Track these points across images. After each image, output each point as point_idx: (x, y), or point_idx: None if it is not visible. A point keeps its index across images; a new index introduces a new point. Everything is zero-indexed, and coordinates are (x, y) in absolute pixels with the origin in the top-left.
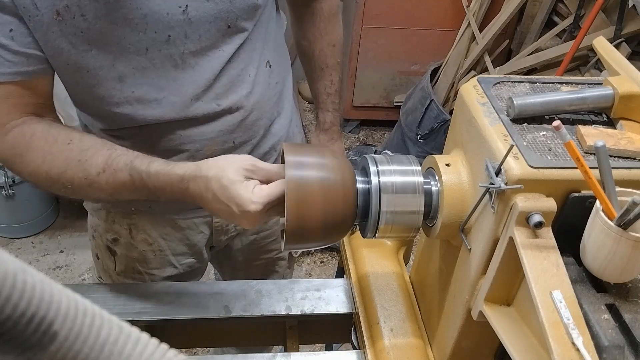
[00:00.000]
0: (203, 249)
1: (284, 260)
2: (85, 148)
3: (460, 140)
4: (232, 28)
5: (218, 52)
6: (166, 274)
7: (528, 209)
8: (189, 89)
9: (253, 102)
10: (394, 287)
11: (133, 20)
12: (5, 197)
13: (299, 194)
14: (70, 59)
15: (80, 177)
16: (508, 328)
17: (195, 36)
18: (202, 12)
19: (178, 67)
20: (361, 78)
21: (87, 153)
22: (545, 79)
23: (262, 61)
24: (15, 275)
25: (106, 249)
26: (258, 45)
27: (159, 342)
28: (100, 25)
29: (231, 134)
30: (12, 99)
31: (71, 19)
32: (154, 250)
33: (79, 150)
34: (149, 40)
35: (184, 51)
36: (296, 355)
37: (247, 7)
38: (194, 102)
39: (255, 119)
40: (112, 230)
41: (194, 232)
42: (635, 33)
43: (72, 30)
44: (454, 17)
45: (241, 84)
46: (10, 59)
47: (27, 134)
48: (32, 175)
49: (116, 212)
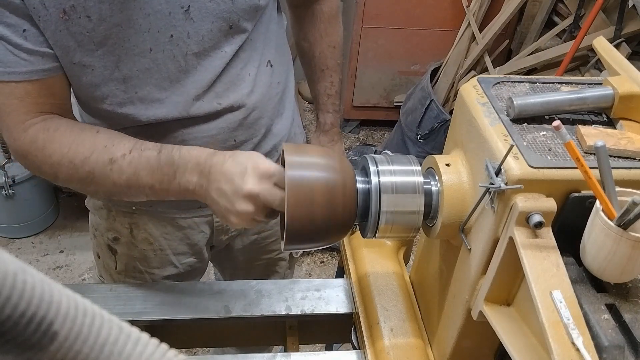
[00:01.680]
0: (203, 249)
1: (285, 261)
2: (113, 136)
3: (460, 140)
4: (233, 28)
5: (220, 52)
6: (166, 273)
7: (528, 209)
8: (191, 90)
9: (254, 101)
10: (394, 287)
11: (137, 21)
12: (5, 197)
13: (299, 194)
14: (76, 58)
15: (105, 160)
16: (508, 328)
17: (197, 37)
18: (204, 12)
19: (181, 68)
20: (361, 78)
21: (115, 140)
22: (545, 79)
23: (262, 61)
24: (15, 275)
25: (107, 248)
26: (259, 45)
27: (159, 342)
28: (105, 27)
29: (232, 132)
30: (30, 98)
31: (77, 19)
32: (154, 250)
33: (107, 137)
34: (152, 40)
35: (187, 52)
36: (296, 355)
37: (248, 7)
38: (195, 102)
39: (257, 118)
40: (113, 229)
41: (194, 232)
42: (635, 33)
43: (78, 30)
44: (454, 17)
45: (241, 83)
46: (25, 58)
47: (50, 128)
48: (54, 166)
49: (117, 211)
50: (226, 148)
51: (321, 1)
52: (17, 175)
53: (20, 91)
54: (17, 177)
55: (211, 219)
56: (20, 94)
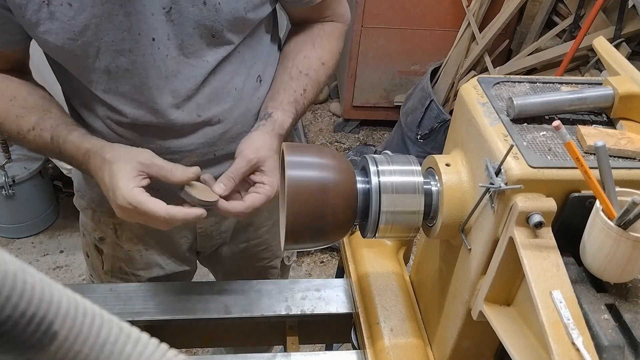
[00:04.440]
0: (187, 253)
1: (277, 269)
2: (24, 106)
3: (460, 140)
4: (217, 38)
5: (201, 61)
6: (152, 274)
7: (528, 209)
8: (169, 97)
9: (236, 116)
10: (394, 287)
11: (117, 17)
12: (5, 197)
13: (299, 193)
14: (59, 41)
15: (14, 131)
16: (508, 328)
17: (177, 40)
18: (185, 16)
19: (161, 74)
20: (361, 78)
21: (24, 111)
22: (545, 79)
23: (251, 75)
24: (15, 275)
25: (94, 248)
26: (247, 59)
27: (159, 342)
28: (84, 17)
29: (211, 146)
30: None
31: (59, 5)
32: (139, 250)
33: (19, 107)
34: (132, 41)
35: (167, 55)
36: (296, 355)
37: (233, 19)
38: (174, 111)
39: (239, 133)
40: (98, 229)
41: (177, 236)
42: (635, 33)
43: (59, 16)
44: (454, 17)
45: (225, 96)
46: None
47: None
48: None
49: (102, 212)
50: (205, 162)
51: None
52: (17, 175)
53: None
54: (17, 177)
55: (193, 226)
56: None
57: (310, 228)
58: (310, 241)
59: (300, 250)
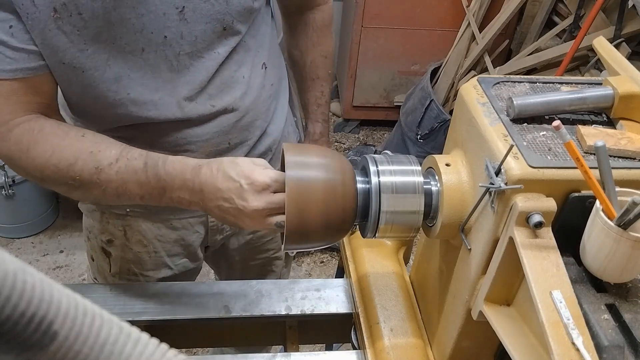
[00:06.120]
0: (198, 249)
1: (281, 260)
2: (98, 141)
3: (460, 140)
4: (227, 30)
5: (213, 53)
6: (161, 275)
7: (528, 209)
8: (183, 91)
9: (248, 104)
10: (394, 287)
11: (130, 20)
12: (5, 197)
13: (299, 194)
14: (66, 58)
15: (91, 168)
16: (508, 328)
17: (191, 37)
18: (198, 13)
19: (173, 68)
20: (361, 78)
21: (101, 145)
22: (545, 79)
23: (256, 63)
24: (15, 275)
25: (101, 251)
26: (252, 47)
27: (159, 342)
28: (97, 24)
29: (226, 135)
30: (15, 96)
31: (68, 17)
32: (148, 252)
33: (92, 142)
34: (145, 40)
35: (179, 52)
36: (296, 355)
37: (242, 9)
38: (188, 103)
39: (251, 120)
40: (106, 231)
41: (189, 232)
42: (635, 33)
43: (69, 29)
44: (454, 17)
45: (235, 85)
46: (11, 55)
47: (35, 129)
48: (38, 169)
49: (110, 214)
50: (220, 151)
51: (314, 10)
52: (17, 175)
53: (6, 89)
54: (17, 177)
55: (206, 219)
56: (6, 92)
57: (310, 228)
58: (310, 241)
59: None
